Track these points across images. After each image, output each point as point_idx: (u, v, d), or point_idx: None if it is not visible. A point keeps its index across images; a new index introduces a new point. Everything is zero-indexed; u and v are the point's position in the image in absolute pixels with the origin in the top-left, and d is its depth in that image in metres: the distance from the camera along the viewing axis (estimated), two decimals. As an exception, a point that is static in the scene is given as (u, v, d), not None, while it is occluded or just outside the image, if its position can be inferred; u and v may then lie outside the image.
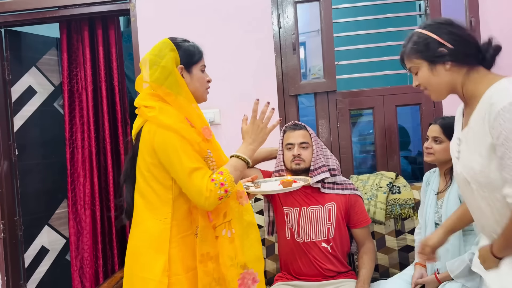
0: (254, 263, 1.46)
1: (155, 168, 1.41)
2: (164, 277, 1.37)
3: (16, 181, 2.85)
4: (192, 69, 1.48)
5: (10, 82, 2.85)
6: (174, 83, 1.41)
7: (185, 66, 1.46)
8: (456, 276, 1.72)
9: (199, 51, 1.52)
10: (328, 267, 1.94)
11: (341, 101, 2.55)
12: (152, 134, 1.39)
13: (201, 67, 1.51)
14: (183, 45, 1.48)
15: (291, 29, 2.53)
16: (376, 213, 2.19)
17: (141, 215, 1.45)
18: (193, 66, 1.49)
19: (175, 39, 1.50)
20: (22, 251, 2.88)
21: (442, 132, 1.83)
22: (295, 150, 1.96)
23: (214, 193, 1.34)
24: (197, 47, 1.52)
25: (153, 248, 1.40)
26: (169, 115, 1.39)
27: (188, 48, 1.48)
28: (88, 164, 2.93)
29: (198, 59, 1.50)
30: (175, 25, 2.60)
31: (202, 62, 1.52)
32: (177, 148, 1.36)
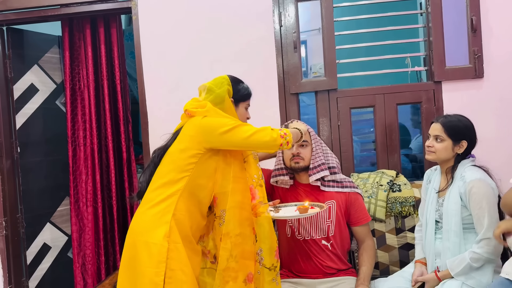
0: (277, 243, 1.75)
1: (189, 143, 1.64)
2: (165, 242, 1.53)
3: (18, 178, 2.86)
4: (239, 104, 1.79)
5: (12, 80, 2.86)
6: (227, 108, 1.73)
7: (235, 100, 1.77)
8: (457, 274, 1.73)
9: (248, 92, 1.83)
10: (328, 265, 1.95)
11: (342, 99, 2.55)
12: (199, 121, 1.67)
13: (246, 105, 1.83)
14: (238, 84, 1.80)
15: (292, 27, 2.53)
16: (377, 211, 2.20)
17: (153, 193, 1.62)
18: (240, 103, 1.80)
19: (234, 77, 1.80)
20: (24, 248, 2.89)
21: (443, 131, 1.83)
22: (294, 148, 1.97)
23: (274, 131, 1.66)
24: (248, 89, 1.83)
25: (158, 218, 1.56)
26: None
27: (241, 87, 1.80)
28: (90, 161, 2.94)
29: (246, 99, 1.82)
30: (176, 23, 2.61)
31: (248, 102, 1.84)
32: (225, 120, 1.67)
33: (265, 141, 1.64)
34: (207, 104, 1.69)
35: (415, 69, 2.60)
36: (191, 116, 1.71)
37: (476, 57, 2.41)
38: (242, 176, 1.71)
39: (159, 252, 1.52)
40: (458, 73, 2.43)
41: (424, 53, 2.60)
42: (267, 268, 1.68)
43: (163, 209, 1.58)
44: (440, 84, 2.47)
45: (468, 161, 1.84)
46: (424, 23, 2.56)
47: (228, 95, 1.73)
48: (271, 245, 1.70)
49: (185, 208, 1.61)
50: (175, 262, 1.53)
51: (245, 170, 1.73)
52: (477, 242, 1.73)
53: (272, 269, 1.69)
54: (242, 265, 1.64)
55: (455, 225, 1.78)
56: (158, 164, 1.69)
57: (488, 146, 2.19)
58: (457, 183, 1.80)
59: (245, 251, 1.65)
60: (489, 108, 2.41)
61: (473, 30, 2.40)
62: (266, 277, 1.68)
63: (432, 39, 2.46)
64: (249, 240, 1.67)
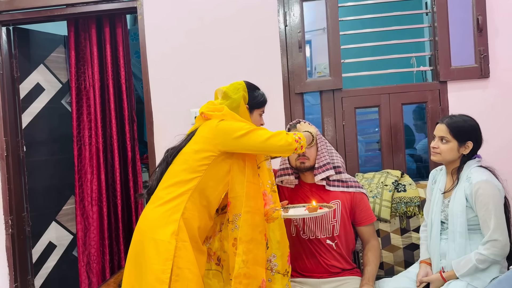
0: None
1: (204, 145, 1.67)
2: (173, 239, 1.54)
3: (24, 177, 2.88)
4: (254, 111, 1.83)
5: (19, 80, 2.88)
6: (242, 113, 1.76)
7: (250, 107, 1.80)
8: (462, 275, 1.73)
9: (264, 99, 1.86)
10: (333, 264, 1.95)
11: (347, 99, 2.55)
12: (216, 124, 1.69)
13: (261, 112, 1.87)
14: (254, 91, 1.83)
15: (297, 27, 2.53)
16: (382, 211, 2.19)
17: (163, 191, 1.65)
18: (255, 110, 1.83)
19: (250, 84, 1.84)
20: (30, 246, 2.91)
21: (448, 132, 1.82)
22: None
23: (288, 135, 1.70)
24: (263, 96, 1.86)
25: (168, 216, 1.58)
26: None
27: (257, 94, 1.84)
28: (96, 161, 2.95)
29: (261, 106, 1.86)
30: (181, 23, 2.61)
31: (263, 109, 1.87)
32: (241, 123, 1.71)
33: (280, 145, 1.67)
34: (224, 108, 1.73)
35: (421, 69, 2.59)
36: (207, 119, 1.74)
37: (482, 57, 2.40)
38: (255, 181, 1.73)
39: (167, 249, 1.53)
40: (464, 73, 2.42)
41: (429, 52, 2.59)
42: (281, 274, 1.70)
43: (172, 207, 1.60)
44: (445, 84, 2.46)
45: (474, 161, 1.83)
46: (430, 23, 2.55)
47: (243, 101, 1.77)
48: (283, 250, 1.72)
49: (194, 208, 1.62)
50: (183, 260, 1.54)
51: (258, 175, 1.75)
52: (483, 244, 1.72)
53: (285, 274, 1.71)
54: (254, 271, 1.64)
55: (460, 226, 1.77)
56: (170, 163, 1.71)
57: (494, 146, 2.18)
58: (463, 184, 1.79)
59: (258, 257, 1.65)
60: (495, 108, 2.39)
61: (479, 29, 2.39)
62: (278, 284, 1.70)
63: (438, 38, 2.45)
64: (261, 246, 1.67)
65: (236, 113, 1.75)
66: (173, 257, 1.52)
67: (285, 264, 1.72)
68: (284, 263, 1.72)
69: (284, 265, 1.71)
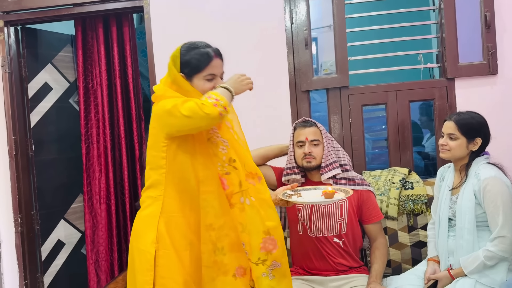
0: (275, 230, 1.56)
1: (153, 137, 1.53)
2: (152, 248, 1.46)
3: (33, 176, 2.91)
4: (193, 78, 1.52)
5: (27, 79, 2.90)
6: (182, 84, 1.51)
7: (185, 75, 1.52)
8: (470, 272, 1.72)
9: (205, 59, 1.51)
10: (340, 262, 1.95)
11: (354, 96, 2.54)
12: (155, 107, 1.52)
13: (205, 76, 1.52)
14: (188, 54, 1.52)
15: (303, 24, 2.52)
16: (389, 209, 2.19)
17: (143, 196, 1.57)
18: (193, 76, 1.52)
19: (187, 45, 1.55)
20: (39, 244, 2.94)
21: (457, 129, 1.81)
22: (306, 148, 1.96)
23: (206, 102, 1.41)
24: (202, 57, 1.51)
25: (146, 223, 1.51)
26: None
27: (192, 57, 1.51)
28: (104, 159, 2.97)
29: (201, 69, 1.51)
30: (188, 21, 2.62)
31: (207, 71, 1.52)
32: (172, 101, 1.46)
33: (201, 117, 1.39)
34: (159, 87, 1.54)
35: (428, 66, 2.58)
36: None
37: (490, 54, 2.38)
38: (212, 162, 1.55)
39: (147, 259, 1.45)
40: (472, 70, 2.41)
41: (437, 49, 2.58)
42: (254, 263, 1.54)
43: (150, 212, 1.51)
44: (453, 81, 2.44)
45: (482, 158, 1.83)
46: (437, 19, 2.53)
47: (178, 71, 1.52)
48: (255, 237, 1.53)
49: (176, 208, 1.51)
50: (165, 269, 1.46)
51: (214, 155, 1.55)
52: (491, 240, 1.71)
53: (259, 263, 1.54)
54: (232, 258, 1.54)
55: (468, 223, 1.77)
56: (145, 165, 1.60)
57: (502, 143, 2.17)
58: (471, 181, 1.79)
59: (233, 243, 1.55)
60: (503, 105, 2.38)
61: (487, 26, 2.38)
62: (254, 272, 1.55)
63: (445, 35, 2.43)
64: (236, 231, 1.56)
65: (179, 86, 1.51)
66: (154, 267, 1.44)
67: (258, 252, 1.54)
68: (257, 251, 1.53)
69: (257, 253, 1.54)
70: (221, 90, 1.49)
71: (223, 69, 1.58)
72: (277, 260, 1.55)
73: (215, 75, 1.53)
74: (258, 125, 2.54)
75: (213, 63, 1.52)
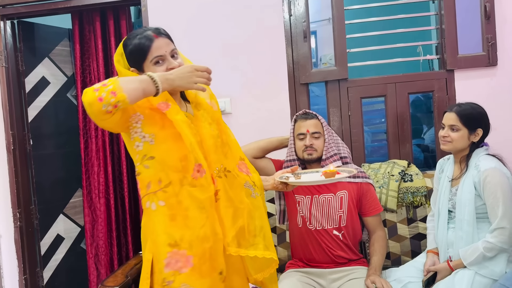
0: (190, 244, 1.30)
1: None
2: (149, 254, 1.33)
3: (31, 170, 2.90)
4: (143, 68, 1.35)
5: (24, 73, 2.88)
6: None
7: (137, 68, 1.36)
8: (469, 263, 1.72)
9: (142, 47, 1.33)
10: (339, 254, 1.95)
11: (353, 89, 2.53)
12: None
13: (152, 60, 1.33)
14: (129, 44, 1.36)
15: (302, 16, 2.51)
16: (388, 201, 2.18)
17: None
18: (143, 65, 1.35)
19: (124, 40, 1.39)
20: (38, 239, 2.93)
21: (458, 120, 1.81)
22: (307, 140, 1.96)
23: (89, 90, 1.17)
24: (140, 44, 1.33)
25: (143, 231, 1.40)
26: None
27: (133, 47, 1.34)
28: (102, 153, 2.96)
29: (144, 57, 1.34)
30: (185, 14, 2.60)
31: (150, 56, 1.33)
32: None
33: (86, 106, 1.18)
34: None
35: (427, 58, 2.56)
36: None
37: (490, 45, 2.37)
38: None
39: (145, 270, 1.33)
40: (471, 61, 2.40)
41: (436, 41, 2.56)
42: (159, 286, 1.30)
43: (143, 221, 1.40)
44: (452, 72, 2.43)
45: (482, 149, 1.82)
46: (436, 11, 2.51)
47: (127, 67, 1.37)
48: (158, 250, 1.30)
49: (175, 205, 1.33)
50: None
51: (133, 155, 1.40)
52: (491, 232, 1.71)
53: (164, 285, 1.28)
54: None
55: (468, 215, 1.77)
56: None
57: (502, 134, 2.16)
58: (471, 172, 1.78)
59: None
60: (503, 96, 2.37)
61: (486, 17, 2.36)
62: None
63: (445, 26, 2.42)
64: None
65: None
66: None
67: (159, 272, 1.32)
68: (157, 271, 1.33)
69: (159, 274, 1.33)
70: (137, 77, 1.26)
71: (172, 47, 1.37)
72: (190, 283, 1.28)
73: (162, 56, 1.33)
74: (256, 117, 2.53)
75: (155, 44, 1.33)
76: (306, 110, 2.07)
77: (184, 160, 1.32)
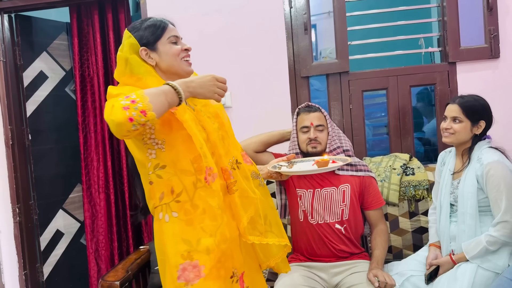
0: (201, 254, 1.30)
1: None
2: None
3: (30, 165, 2.88)
4: (157, 45, 1.37)
5: (22, 67, 2.86)
6: (135, 67, 1.33)
7: (148, 45, 1.36)
8: (472, 257, 1.71)
9: (160, 25, 1.38)
10: (341, 248, 1.94)
11: (354, 82, 2.51)
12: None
13: (168, 39, 1.38)
14: (140, 27, 1.38)
15: (302, 9, 2.48)
16: (390, 195, 2.17)
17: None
18: (157, 43, 1.37)
19: (133, 24, 1.41)
20: (38, 234, 2.92)
21: (461, 112, 1.79)
22: (312, 133, 1.94)
23: (118, 107, 1.13)
24: (157, 23, 1.39)
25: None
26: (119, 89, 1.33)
27: (146, 27, 1.37)
28: (101, 148, 2.94)
29: (161, 33, 1.37)
30: (184, 8, 2.57)
31: (167, 34, 1.38)
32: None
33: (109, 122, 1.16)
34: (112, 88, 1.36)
35: (429, 50, 2.54)
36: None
37: (492, 37, 2.35)
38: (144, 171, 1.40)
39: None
40: (473, 54, 2.38)
41: (438, 33, 2.54)
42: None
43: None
44: (454, 65, 2.41)
45: (485, 142, 1.81)
46: (438, 3, 2.49)
47: (133, 49, 1.35)
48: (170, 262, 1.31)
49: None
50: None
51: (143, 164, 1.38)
52: (494, 225, 1.70)
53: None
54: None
55: (471, 208, 1.76)
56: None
57: (504, 127, 2.14)
58: (473, 165, 1.77)
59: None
60: (505, 89, 2.35)
61: (489, 8, 2.34)
62: None
63: (447, 18, 2.39)
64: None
65: (130, 72, 1.34)
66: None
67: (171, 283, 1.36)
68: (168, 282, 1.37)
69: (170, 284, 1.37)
70: (161, 88, 1.22)
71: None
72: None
73: (177, 37, 1.40)
74: (257, 111, 2.51)
75: (169, 27, 1.40)
76: (308, 103, 2.05)
77: (196, 161, 1.32)
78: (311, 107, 2.00)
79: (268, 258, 1.51)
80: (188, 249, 1.29)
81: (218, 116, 1.48)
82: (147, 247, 2.29)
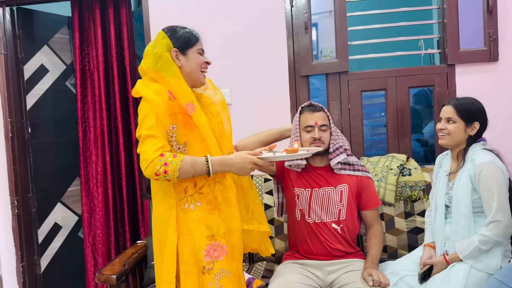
0: (224, 235, 1.56)
1: None
2: (174, 237, 1.51)
3: (29, 158, 2.89)
4: (187, 52, 1.58)
5: (23, 61, 2.86)
6: (166, 64, 1.53)
7: (180, 49, 1.57)
8: (465, 257, 1.73)
9: (194, 36, 1.61)
10: (337, 247, 1.95)
11: (353, 82, 2.52)
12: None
13: (198, 50, 1.61)
14: (178, 31, 1.60)
15: (303, 7, 2.49)
16: (386, 195, 2.19)
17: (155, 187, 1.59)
18: (188, 50, 1.59)
19: (171, 27, 1.61)
20: (36, 227, 2.93)
21: (455, 113, 1.81)
22: (316, 133, 1.93)
23: (153, 165, 1.43)
24: (193, 33, 1.62)
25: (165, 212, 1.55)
26: (147, 87, 1.52)
27: (182, 34, 1.59)
28: (100, 142, 2.95)
29: (194, 43, 1.60)
30: (186, 4, 2.58)
31: (198, 46, 1.61)
32: (143, 115, 1.49)
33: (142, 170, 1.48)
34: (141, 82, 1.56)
35: (429, 52, 2.55)
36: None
37: (491, 40, 2.36)
38: None
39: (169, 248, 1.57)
40: (473, 56, 2.39)
41: (438, 35, 2.55)
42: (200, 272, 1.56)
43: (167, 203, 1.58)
44: (453, 67, 2.42)
45: (479, 144, 1.82)
46: (439, 4, 2.50)
47: (167, 49, 1.55)
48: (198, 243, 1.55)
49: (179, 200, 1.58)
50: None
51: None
52: (486, 225, 1.72)
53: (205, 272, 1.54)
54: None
55: (465, 209, 1.77)
56: None
57: (501, 129, 2.16)
58: (467, 166, 1.79)
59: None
60: (504, 91, 2.36)
61: (488, 11, 2.35)
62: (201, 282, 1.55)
63: (447, 21, 2.40)
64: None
65: (160, 68, 1.53)
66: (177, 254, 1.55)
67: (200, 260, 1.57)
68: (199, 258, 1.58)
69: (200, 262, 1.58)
70: (198, 161, 1.48)
71: None
72: (225, 268, 1.54)
73: (203, 50, 1.64)
74: (256, 109, 2.52)
75: (201, 40, 1.64)
76: (311, 102, 2.04)
77: None
78: (315, 106, 1.99)
79: (251, 242, 1.73)
80: (212, 233, 1.53)
81: (219, 115, 1.66)
82: (144, 242, 2.30)
